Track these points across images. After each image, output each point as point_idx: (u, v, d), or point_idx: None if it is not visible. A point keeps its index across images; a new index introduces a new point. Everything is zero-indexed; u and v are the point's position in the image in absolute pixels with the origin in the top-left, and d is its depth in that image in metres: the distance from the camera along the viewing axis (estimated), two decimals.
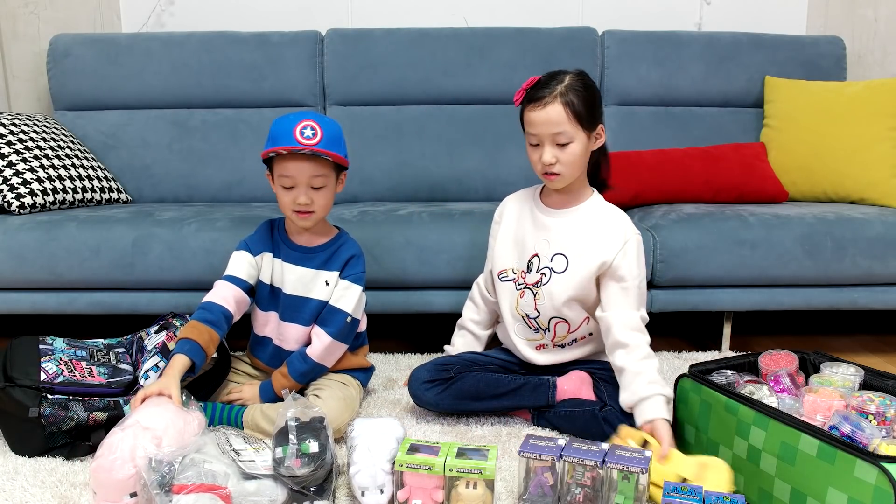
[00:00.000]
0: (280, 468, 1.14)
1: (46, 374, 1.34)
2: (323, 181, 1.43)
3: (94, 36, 2.40)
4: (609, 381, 1.45)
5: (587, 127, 1.39)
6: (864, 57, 2.62)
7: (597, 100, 1.41)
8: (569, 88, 1.37)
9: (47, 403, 1.31)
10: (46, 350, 1.42)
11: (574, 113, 1.37)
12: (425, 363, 1.56)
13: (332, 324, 1.49)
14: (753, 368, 1.40)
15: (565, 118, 1.37)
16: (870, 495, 0.96)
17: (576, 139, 1.39)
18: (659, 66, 2.41)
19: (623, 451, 1.16)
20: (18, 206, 1.87)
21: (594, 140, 1.43)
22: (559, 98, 1.37)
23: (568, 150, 1.39)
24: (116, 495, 1.13)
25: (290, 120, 1.41)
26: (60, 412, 1.32)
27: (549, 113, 1.37)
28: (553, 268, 1.46)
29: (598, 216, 1.47)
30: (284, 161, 1.41)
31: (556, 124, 1.37)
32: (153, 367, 1.44)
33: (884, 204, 2.08)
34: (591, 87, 1.41)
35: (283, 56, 2.37)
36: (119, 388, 1.40)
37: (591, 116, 1.40)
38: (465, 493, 1.14)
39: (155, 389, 1.26)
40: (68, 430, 1.33)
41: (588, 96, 1.39)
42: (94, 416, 1.35)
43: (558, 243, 1.47)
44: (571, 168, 1.41)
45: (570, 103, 1.37)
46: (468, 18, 2.57)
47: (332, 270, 1.51)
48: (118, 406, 1.38)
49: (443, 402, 1.49)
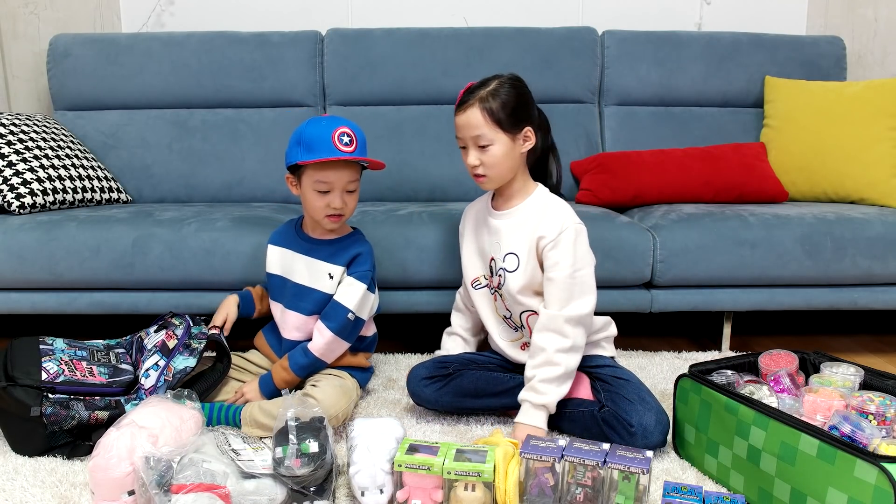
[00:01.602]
0: (280, 468, 1.14)
1: (48, 374, 1.34)
2: (356, 185, 1.53)
3: (94, 36, 2.40)
4: (606, 381, 1.45)
5: (508, 130, 1.42)
6: (864, 57, 2.62)
7: (521, 103, 1.44)
8: (490, 93, 1.42)
9: (49, 402, 1.31)
10: (47, 350, 1.42)
11: (492, 116, 1.40)
12: (424, 361, 1.56)
13: (334, 319, 1.51)
14: (753, 368, 1.40)
15: (482, 122, 1.41)
16: (870, 495, 0.96)
17: (496, 142, 1.42)
18: (659, 66, 2.41)
19: (624, 451, 1.16)
20: (18, 206, 1.87)
21: (520, 142, 1.45)
22: (478, 103, 1.41)
23: (489, 153, 1.42)
24: (114, 494, 1.13)
25: (323, 126, 1.46)
26: (62, 411, 1.32)
27: (469, 117, 1.42)
28: (506, 268, 1.48)
29: (540, 209, 1.48)
30: (324, 168, 1.46)
31: (474, 127, 1.42)
32: (153, 365, 1.45)
33: (884, 204, 2.08)
34: (516, 92, 1.44)
35: (283, 56, 2.37)
36: (120, 388, 1.41)
37: (513, 119, 1.42)
38: (463, 496, 1.14)
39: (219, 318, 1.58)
40: (70, 429, 1.33)
41: (510, 100, 1.42)
42: (95, 415, 1.35)
43: (508, 244, 1.48)
44: (496, 170, 1.44)
45: (489, 107, 1.41)
46: (468, 18, 2.57)
47: (336, 264, 1.54)
48: (119, 405, 1.38)
49: (441, 399, 1.49)
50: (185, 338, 1.51)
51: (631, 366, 1.69)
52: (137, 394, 1.41)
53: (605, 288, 1.86)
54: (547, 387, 1.38)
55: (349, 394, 1.49)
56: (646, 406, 1.35)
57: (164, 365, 1.44)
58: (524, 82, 1.48)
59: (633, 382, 1.43)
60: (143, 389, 1.41)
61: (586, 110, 2.44)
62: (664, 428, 1.35)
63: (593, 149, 2.38)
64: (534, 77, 2.37)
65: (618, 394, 1.40)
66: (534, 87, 2.44)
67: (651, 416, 1.34)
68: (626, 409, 1.36)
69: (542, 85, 2.40)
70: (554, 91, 2.40)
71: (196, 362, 1.46)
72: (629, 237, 1.83)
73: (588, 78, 2.42)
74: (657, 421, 1.34)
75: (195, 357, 1.47)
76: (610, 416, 1.37)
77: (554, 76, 2.40)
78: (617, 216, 1.94)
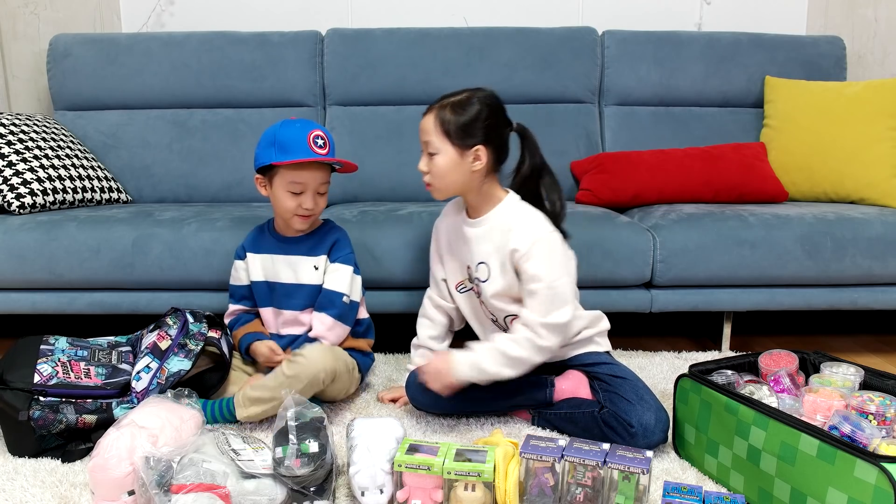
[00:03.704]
0: (280, 468, 1.14)
1: (40, 377, 1.34)
2: (327, 187, 1.56)
3: (94, 36, 2.40)
4: (604, 381, 1.44)
5: (456, 144, 1.39)
6: (864, 57, 2.62)
7: (477, 120, 1.39)
8: (452, 104, 1.40)
9: (38, 406, 1.31)
10: (46, 350, 1.41)
11: (442, 126, 1.39)
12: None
13: (332, 306, 1.55)
14: (753, 368, 1.39)
15: (433, 129, 1.41)
16: (870, 495, 0.96)
17: (441, 152, 1.40)
18: (659, 66, 2.41)
19: (624, 451, 1.16)
20: (18, 206, 1.87)
21: (470, 160, 1.41)
22: (436, 110, 1.41)
23: (434, 162, 1.42)
24: (114, 494, 1.13)
25: (297, 129, 1.49)
26: (50, 415, 1.32)
27: (425, 121, 1.43)
28: (479, 277, 1.48)
29: (509, 220, 1.44)
30: (299, 170, 1.50)
31: (425, 132, 1.42)
32: (144, 367, 1.43)
33: (884, 204, 2.08)
34: (478, 109, 1.39)
35: (283, 56, 2.37)
36: (115, 390, 1.40)
37: (462, 134, 1.39)
38: (463, 496, 1.14)
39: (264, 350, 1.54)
40: (58, 432, 1.33)
41: (466, 115, 1.39)
42: (83, 420, 1.34)
43: (478, 253, 1.48)
44: (441, 181, 1.43)
45: (443, 117, 1.40)
46: (468, 18, 2.57)
47: (318, 255, 1.58)
48: (109, 408, 1.37)
49: (440, 404, 1.49)
50: (180, 337, 1.49)
51: (631, 366, 1.68)
52: (130, 397, 1.40)
53: (605, 288, 1.87)
54: (489, 354, 1.37)
55: (340, 360, 1.50)
56: (644, 405, 1.35)
57: (156, 368, 1.43)
58: (497, 102, 1.44)
59: (630, 380, 1.42)
60: (134, 393, 1.40)
61: (586, 110, 2.44)
62: (664, 425, 1.35)
63: (593, 149, 2.38)
64: (534, 77, 2.40)
65: (616, 394, 1.39)
66: (534, 87, 2.44)
67: (650, 414, 1.34)
68: (625, 409, 1.36)
69: (542, 85, 2.40)
70: (554, 91, 2.40)
71: (191, 365, 1.44)
72: (629, 237, 1.83)
73: (588, 78, 2.42)
74: (657, 419, 1.34)
75: (191, 360, 1.45)
76: (610, 417, 1.37)
77: (554, 76, 2.40)
78: (617, 216, 1.94)
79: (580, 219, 1.88)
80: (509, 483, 1.15)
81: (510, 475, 1.16)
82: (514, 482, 1.15)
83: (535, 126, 1.49)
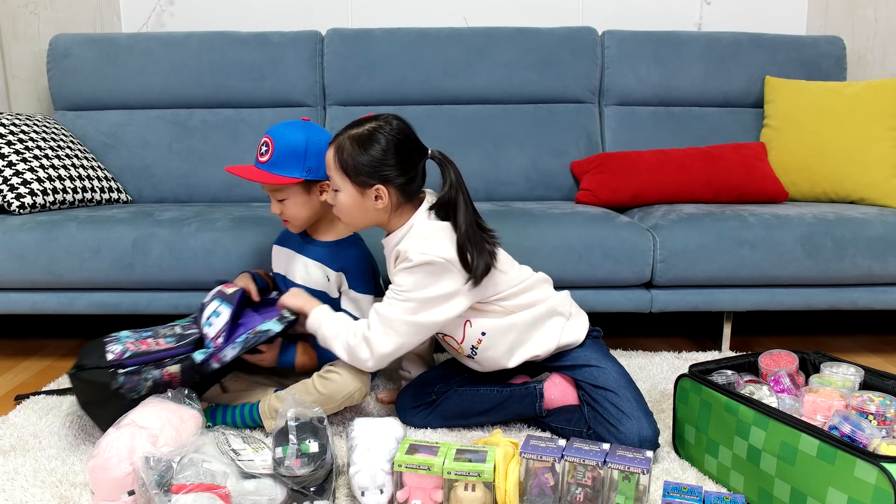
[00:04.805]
0: (280, 468, 1.14)
1: (114, 354, 1.34)
2: (283, 195, 1.46)
3: (94, 36, 2.40)
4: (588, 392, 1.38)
5: (355, 183, 1.30)
6: (864, 57, 2.62)
7: (375, 162, 1.28)
8: (353, 138, 1.29)
9: (121, 373, 1.31)
10: (111, 340, 1.40)
11: (341, 164, 1.30)
12: (407, 387, 1.55)
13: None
14: (753, 368, 1.39)
15: (332, 165, 1.32)
16: (870, 495, 0.96)
17: (342, 190, 1.32)
18: (659, 66, 2.41)
19: (624, 451, 1.16)
20: (18, 206, 1.87)
21: (371, 198, 1.31)
22: (337, 143, 1.31)
23: (337, 198, 1.34)
24: (114, 494, 1.13)
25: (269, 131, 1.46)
26: (135, 377, 1.32)
27: (328, 154, 1.34)
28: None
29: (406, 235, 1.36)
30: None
31: (327, 167, 1.34)
32: (213, 312, 1.42)
33: (884, 204, 2.08)
34: (381, 147, 1.28)
35: (283, 56, 2.37)
36: (189, 347, 1.38)
37: (362, 175, 1.29)
38: (463, 496, 1.14)
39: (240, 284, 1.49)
40: (148, 392, 1.33)
41: (366, 155, 1.28)
42: (167, 371, 1.34)
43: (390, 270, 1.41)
44: (347, 217, 1.36)
45: (342, 154, 1.29)
46: (468, 18, 2.57)
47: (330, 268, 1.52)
48: (189, 357, 1.36)
49: (431, 423, 1.48)
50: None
51: (631, 366, 1.69)
52: (207, 343, 1.39)
53: (605, 288, 1.87)
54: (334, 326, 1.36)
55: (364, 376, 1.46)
56: (628, 424, 1.30)
57: (224, 311, 1.41)
58: (405, 135, 1.32)
59: (612, 392, 1.35)
60: (208, 339, 1.38)
61: (586, 110, 2.44)
62: (651, 440, 1.31)
63: (593, 149, 2.39)
64: (534, 77, 2.40)
65: (600, 416, 1.34)
66: (534, 87, 2.44)
67: (634, 436, 1.29)
68: (611, 433, 1.32)
69: (542, 85, 2.40)
70: (554, 91, 2.41)
71: (282, 329, 1.41)
72: (629, 237, 1.83)
73: (588, 78, 2.42)
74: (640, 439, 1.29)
75: (282, 325, 1.41)
76: (597, 438, 1.34)
77: (554, 76, 2.40)
78: (617, 216, 1.94)
79: (580, 219, 1.89)
80: (509, 483, 1.15)
81: (510, 475, 1.16)
82: (515, 482, 1.15)
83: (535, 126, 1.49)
